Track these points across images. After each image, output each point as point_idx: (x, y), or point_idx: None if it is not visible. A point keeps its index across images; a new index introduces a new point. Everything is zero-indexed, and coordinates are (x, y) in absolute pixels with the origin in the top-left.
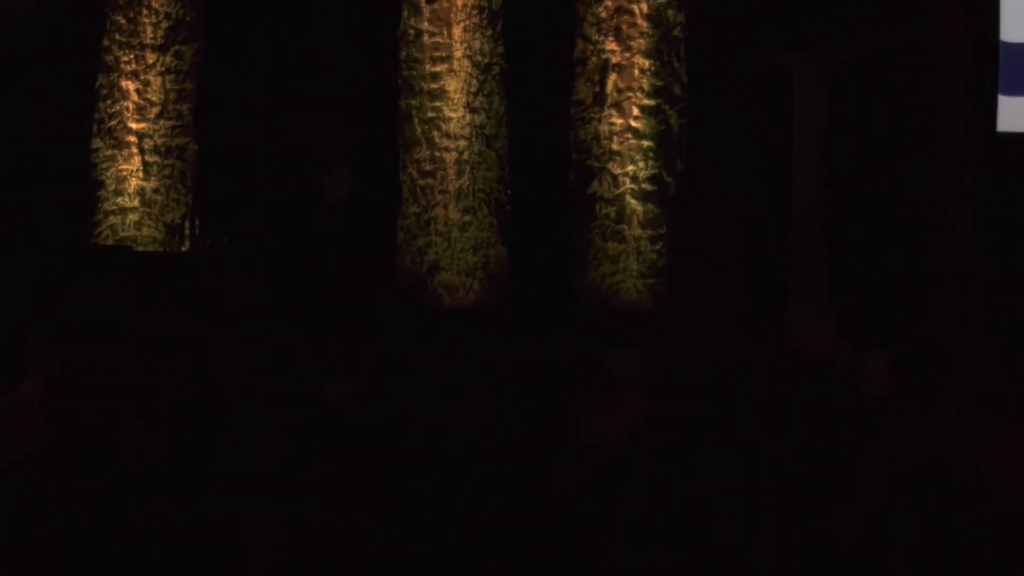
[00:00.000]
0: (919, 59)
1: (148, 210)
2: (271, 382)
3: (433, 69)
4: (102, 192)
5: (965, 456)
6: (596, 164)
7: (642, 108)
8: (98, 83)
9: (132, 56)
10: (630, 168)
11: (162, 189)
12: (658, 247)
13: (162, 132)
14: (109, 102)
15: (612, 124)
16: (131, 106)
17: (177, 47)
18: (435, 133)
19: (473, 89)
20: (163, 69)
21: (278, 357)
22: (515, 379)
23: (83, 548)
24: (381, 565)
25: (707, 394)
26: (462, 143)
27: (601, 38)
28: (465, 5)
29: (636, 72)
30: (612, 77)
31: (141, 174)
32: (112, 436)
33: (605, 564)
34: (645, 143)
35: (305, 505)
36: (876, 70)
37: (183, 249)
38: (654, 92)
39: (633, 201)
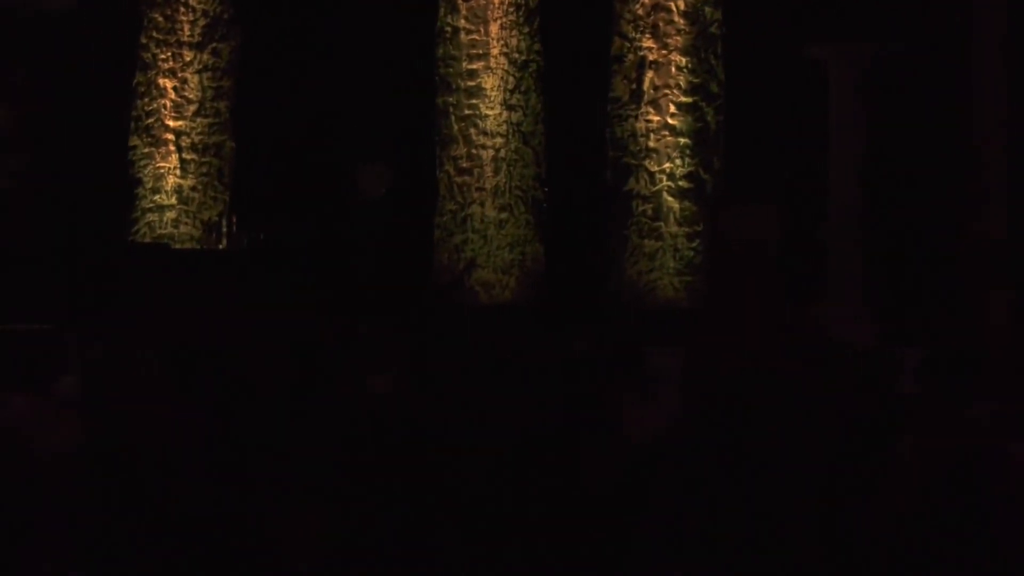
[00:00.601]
0: (957, 52)
1: (186, 207)
2: (309, 378)
3: (470, 66)
4: (140, 190)
5: (996, 453)
6: (633, 161)
7: (679, 105)
8: (135, 81)
9: (169, 54)
10: (667, 165)
11: (199, 187)
12: (695, 244)
13: (199, 130)
14: (147, 100)
15: (649, 121)
16: (168, 104)
17: (215, 44)
18: (472, 130)
19: (510, 86)
20: (200, 67)
21: (316, 353)
22: (552, 375)
23: (120, 542)
24: (419, 556)
25: (744, 390)
26: (499, 140)
27: (638, 35)
28: (502, 2)
29: (673, 69)
30: (649, 74)
31: (179, 172)
32: (150, 432)
33: (644, 554)
34: (682, 140)
35: (345, 499)
36: (912, 63)
37: (221, 246)
38: (691, 89)
39: (670, 198)
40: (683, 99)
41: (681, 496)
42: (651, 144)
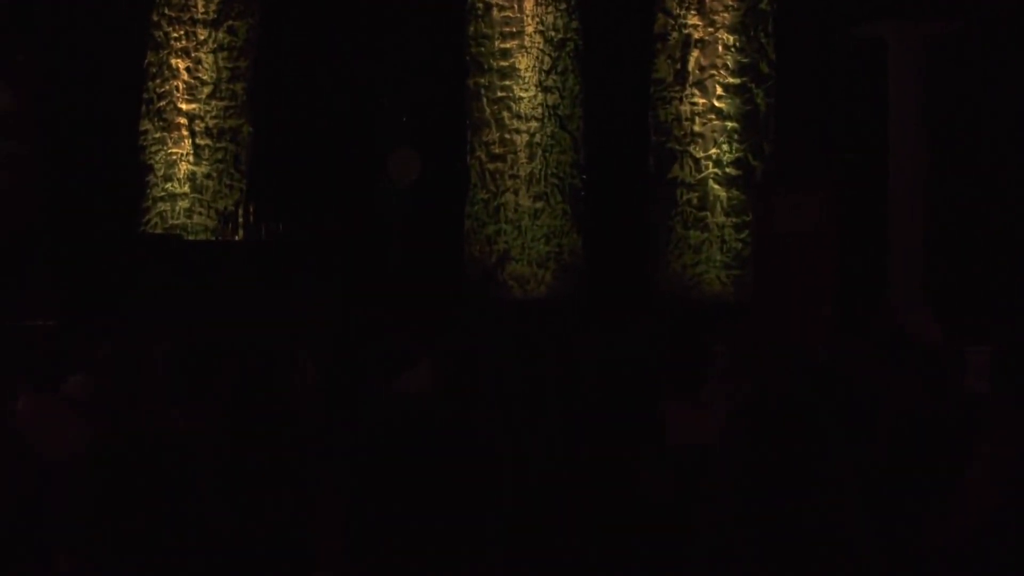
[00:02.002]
0: (1022, 30)
1: (199, 196)
2: (335, 376)
3: (503, 45)
4: (151, 177)
5: None
6: (677, 147)
7: (726, 87)
8: (146, 61)
9: (183, 32)
10: (713, 151)
11: (214, 174)
12: (743, 235)
13: (214, 113)
14: (158, 81)
15: (694, 104)
16: (181, 85)
17: (230, 22)
18: (505, 114)
19: (546, 67)
20: (215, 46)
21: (341, 351)
22: (595, 375)
23: (130, 546)
24: (454, 566)
25: (800, 388)
26: (534, 124)
27: (683, 12)
28: None
29: (720, 48)
30: (694, 54)
31: (192, 158)
32: (163, 434)
33: (694, 566)
34: (730, 124)
35: (372, 506)
36: (978, 41)
37: (237, 238)
38: (739, 69)
39: (717, 186)
40: (731, 80)
41: (733, 504)
42: (697, 128)
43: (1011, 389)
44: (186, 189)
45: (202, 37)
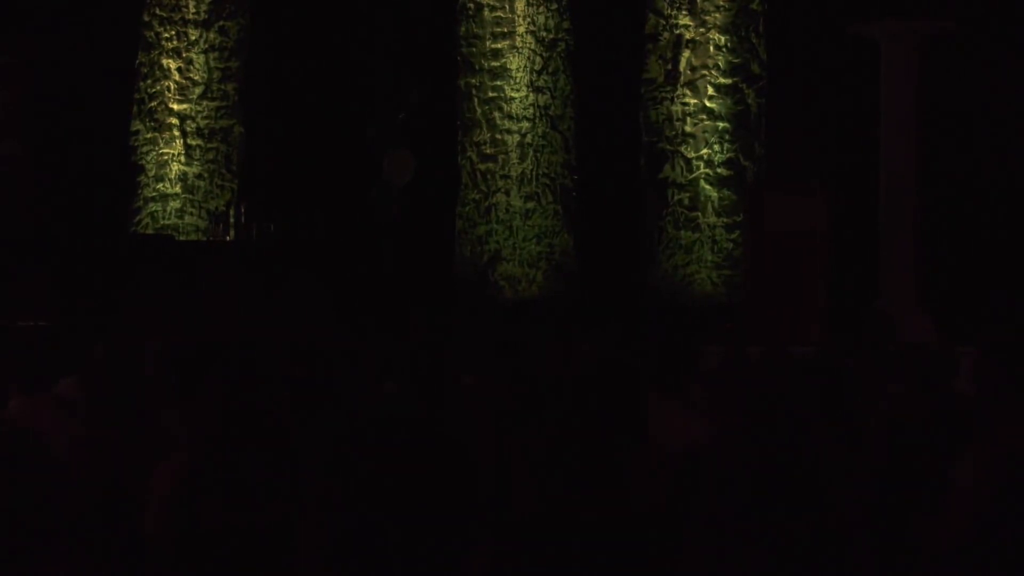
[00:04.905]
0: (1016, 30)
1: (191, 197)
2: (326, 378)
3: (494, 45)
4: (142, 177)
5: None
6: (668, 147)
7: (718, 87)
8: (138, 61)
9: (174, 32)
10: (705, 151)
11: (205, 174)
12: (734, 236)
13: (205, 113)
14: (149, 81)
15: (685, 104)
16: (173, 86)
17: (222, 23)
18: (496, 114)
19: (537, 67)
20: (207, 46)
21: (332, 353)
22: (584, 377)
23: (121, 548)
24: (437, 568)
25: (791, 390)
26: (525, 125)
27: (674, 12)
28: None
29: (711, 48)
30: (686, 54)
31: (183, 158)
32: (153, 437)
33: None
34: (721, 124)
35: (357, 508)
36: (969, 42)
37: (228, 238)
38: (731, 70)
39: (708, 187)
40: (722, 80)
41: (724, 510)
42: (688, 129)
43: (998, 390)
44: (177, 189)
45: (193, 37)
